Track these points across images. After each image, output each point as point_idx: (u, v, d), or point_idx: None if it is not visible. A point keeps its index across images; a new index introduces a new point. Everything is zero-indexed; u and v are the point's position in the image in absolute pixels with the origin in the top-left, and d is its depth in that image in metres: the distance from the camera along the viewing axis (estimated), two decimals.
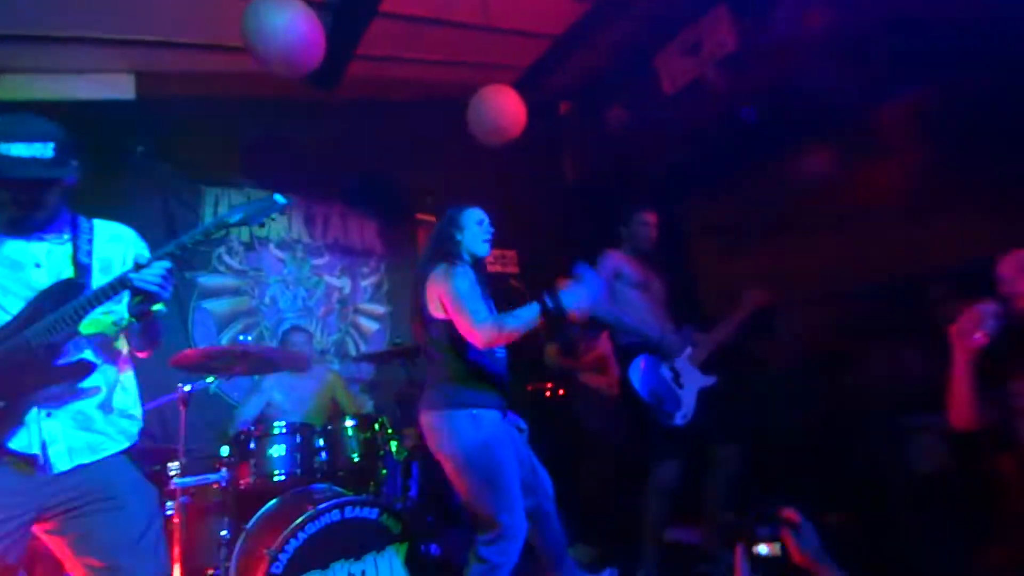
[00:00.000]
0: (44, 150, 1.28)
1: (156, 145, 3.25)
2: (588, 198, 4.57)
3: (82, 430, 1.36)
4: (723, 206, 4.02)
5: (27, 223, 1.37)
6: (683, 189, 4.15)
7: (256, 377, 2.93)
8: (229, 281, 3.48)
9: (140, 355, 1.55)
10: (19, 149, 1.25)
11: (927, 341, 2.53)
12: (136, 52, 3.08)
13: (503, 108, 3.27)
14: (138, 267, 1.32)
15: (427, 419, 1.89)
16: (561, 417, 3.54)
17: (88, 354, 1.39)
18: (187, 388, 2.20)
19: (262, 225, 1.48)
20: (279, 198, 1.46)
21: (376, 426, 2.57)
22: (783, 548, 1.03)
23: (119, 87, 3.16)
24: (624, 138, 4.41)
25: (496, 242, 2.14)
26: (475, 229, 2.07)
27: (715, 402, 2.75)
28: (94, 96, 3.08)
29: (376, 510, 2.11)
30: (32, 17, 2.68)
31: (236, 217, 1.42)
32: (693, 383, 2.73)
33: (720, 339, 2.82)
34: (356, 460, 2.45)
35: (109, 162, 2.90)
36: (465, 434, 1.82)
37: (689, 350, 2.79)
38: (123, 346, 1.52)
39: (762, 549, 1.04)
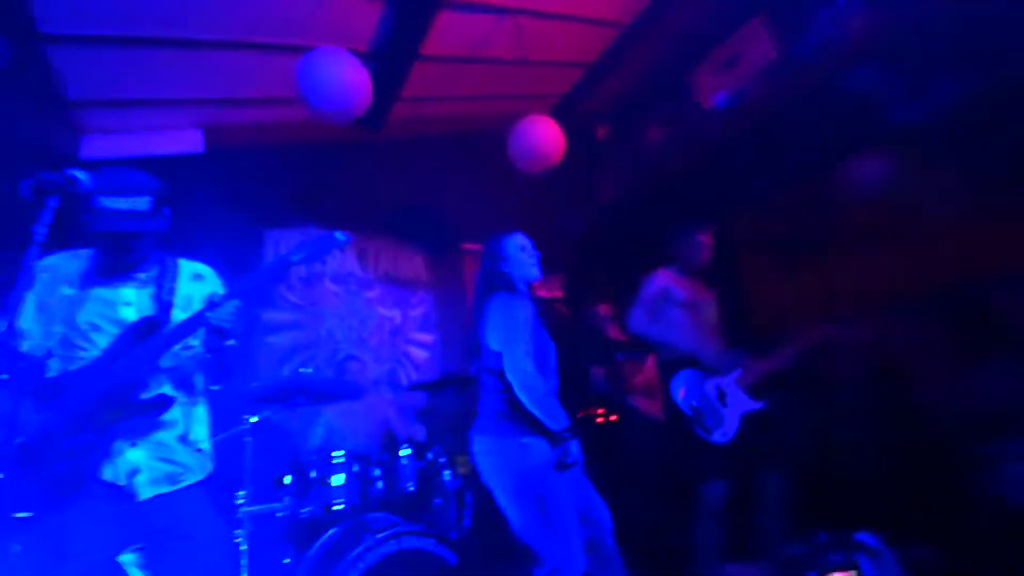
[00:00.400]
0: (140, 203, 1.37)
1: (221, 193, 3.50)
2: (628, 219, 4.55)
3: (162, 461, 1.43)
4: (773, 221, 3.90)
5: (121, 267, 1.47)
6: (729, 205, 4.06)
7: (317, 408, 3.04)
8: (289, 316, 3.65)
9: (214, 387, 1.63)
10: (118, 203, 1.35)
11: (998, 353, 2.35)
12: (202, 110, 3.37)
13: (542, 137, 3.34)
14: (212, 305, 1.40)
15: (478, 447, 1.90)
16: (615, 444, 3.47)
17: (167, 388, 1.47)
18: (253, 420, 2.31)
19: (324, 262, 1.55)
20: (339, 235, 1.52)
21: (429, 455, 2.60)
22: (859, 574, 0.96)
23: (189, 142, 3.45)
24: (663, 157, 4.39)
25: (544, 268, 2.14)
26: (519, 255, 2.08)
27: (763, 427, 2.63)
28: (168, 151, 3.38)
29: (432, 540, 2.12)
30: (112, 83, 2.98)
31: (298, 256, 1.48)
32: (738, 405, 2.64)
33: (770, 368, 2.71)
34: (411, 489, 2.48)
35: (178, 211, 3.14)
36: (514, 463, 1.80)
37: (738, 372, 2.70)
38: (198, 381, 1.60)
39: None
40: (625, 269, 2.88)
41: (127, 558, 1.41)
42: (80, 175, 1.30)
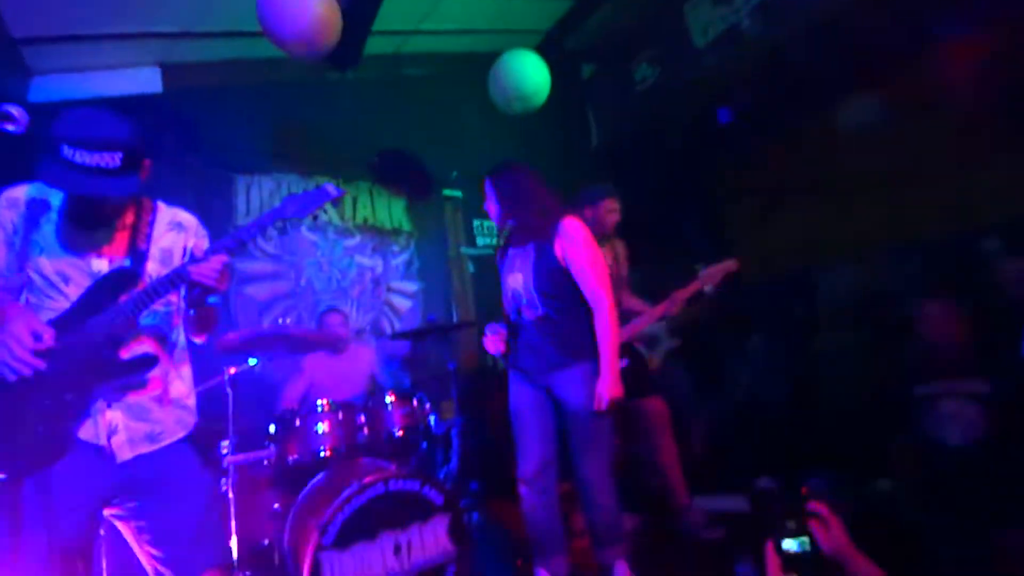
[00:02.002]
0: (111, 159, 1.23)
1: (185, 137, 3.32)
2: (616, 162, 4.45)
3: (141, 420, 1.38)
4: (758, 165, 3.84)
5: (91, 218, 1.36)
6: (716, 149, 3.98)
7: (298, 359, 3.02)
8: (267, 266, 3.56)
9: (196, 341, 1.58)
10: (84, 157, 1.19)
11: (982, 300, 2.39)
12: (159, 45, 3.13)
13: (525, 74, 3.18)
14: (194, 260, 1.32)
15: None
16: None
17: (149, 347, 1.41)
18: (232, 371, 2.29)
19: (315, 217, 1.45)
20: (331, 188, 1.43)
21: (415, 401, 2.62)
22: (812, 542, 1.00)
23: (146, 81, 3.22)
24: (653, 97, 4.25)
25: None
26: None
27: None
28: (123, 92, 3.16)
29: (418, 482, 2.16)
30: (59, 18, 2.74)
31: (290, 210, 1.40)
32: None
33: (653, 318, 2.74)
34: (397, 434, 2.51)
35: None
36: None
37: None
38: (179, 335, 1.54)
39: (790, 545, 1.01)
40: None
41: (112, 511, 1.39)
42: (13, 110, 1.19)
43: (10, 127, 1.18)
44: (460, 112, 3.85)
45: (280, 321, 3.08)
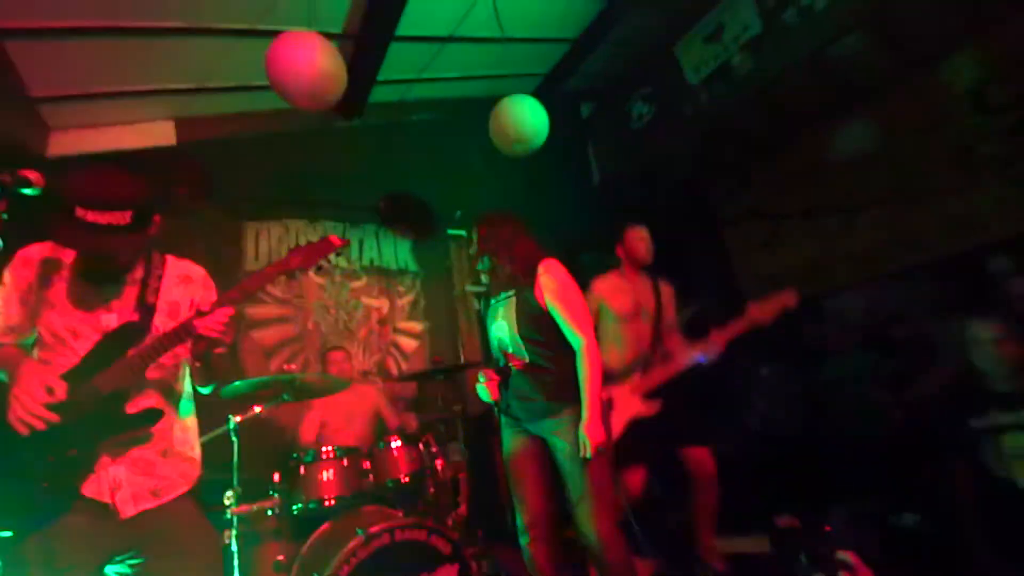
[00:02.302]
0: (122, 218, 1.27)
1: (197, 187, 3.41)
2: (618, 198, 4.50)
3: (144, 475, 1.38)
4: (758, 194, 3.87)
5: (101, 275, 1.40)
6: (716, 179, 4.03)
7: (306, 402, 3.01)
8: (274, 310, 3.60)
9: (203, 392, 1.59)
10: (97, 217, 1.24)
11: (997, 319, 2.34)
12: (173, 99, 3.26)
13: (523, 117, 3.26)
14: (200, 314, 1.34)
15: None
16: None
17: (155, 399, 1.42)
18: (238, 419, 2.27)
19: (320, 268, 1.47)
20: (335, 239, 1.47)
21: (422, 445, 2.58)
22: None
23: (160, 134, 3.34)
24: (650, 133, 4.33)
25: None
26: None
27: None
28: (137, 145, 3.28)
29: (425, 531, 2.11)
30: (76, 76, 2.87)
31: (295, 262, 1.44)
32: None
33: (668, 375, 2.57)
34: (403, 480, 2.47)
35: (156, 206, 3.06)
36: None
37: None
38: (185, 387, 1.55)
39: None
40: (616, 246, 2.83)
41: (114, 568, 1.37)
42: (31, 175, 1.23)
43: (28, 191, 1.23)
44: (463, 154, 3.94)
45: (285, 366, 3.08)
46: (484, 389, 1.98)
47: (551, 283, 1.95)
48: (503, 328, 2.05)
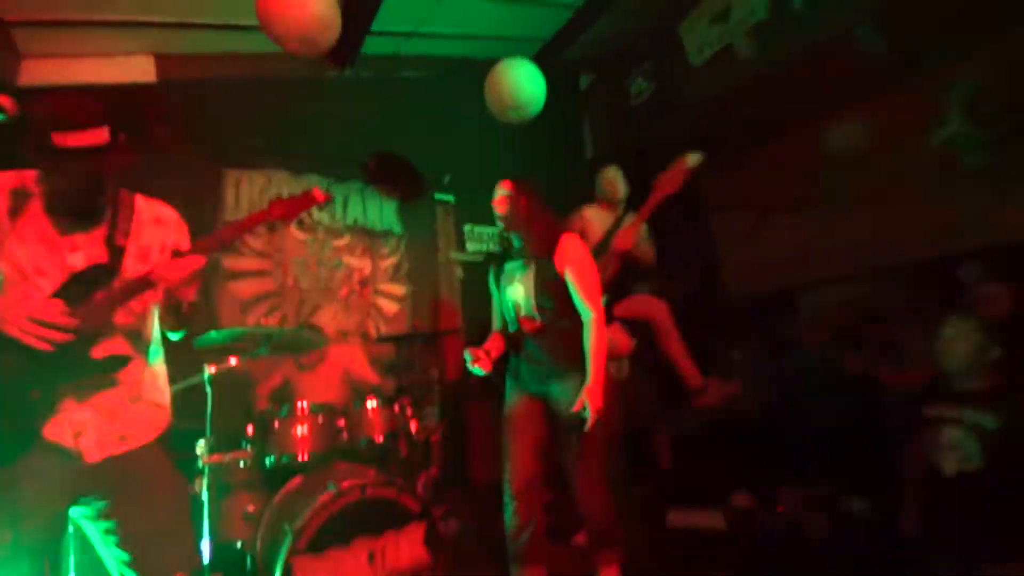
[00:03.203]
0: (100, 136, 1.22)
1: (176, 128, 3.27)
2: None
3: (112, 422, 1.36)
4: (748, 181, 3.89)
5: (74, 211, 1.34)
6: (708, 164, 4.02)
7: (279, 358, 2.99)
8: (253, 262, 3.52)
9: (172, 338, 1.55)
10: (75, 139, 1.19)
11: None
12: (155, 34, 3.09)
13: (521, 83, 3.18)
14: (167, 263, 1.30)
15: None
16: None
17: (121, 345, 1.39)
18: (212, 370, 2.26)
19: (301, 221, 1.47)
20: (319, 193, 1.43)
21: (397, 406, 2.61)
22: None
23: (140, 70, 3.18)
24: (648, 111, 4.28)
25: None
26: None
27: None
28: (116, 79, 3.12)
29: (395, 489, 2.15)
30: (56, 1, 2.70)
31: (276, 213, 1.41)
32: None
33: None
34: (378, 439, 2.50)
35: (131, 146, 2.93)
36: None
37: None
38: (155, 333, 1.51)
39: None
40: None
41: (79, 511, 1.36)
42: (4, 101, 1.17)
43: (0, 117, 1.16)
44: (455, 117, 3.84)
45: (263, 320, 3.04)
46: (476, 368, 2.03)
47: (572, 256, 2.07)
48: (519, 292, 2.14)
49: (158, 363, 1.53)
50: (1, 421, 1.24)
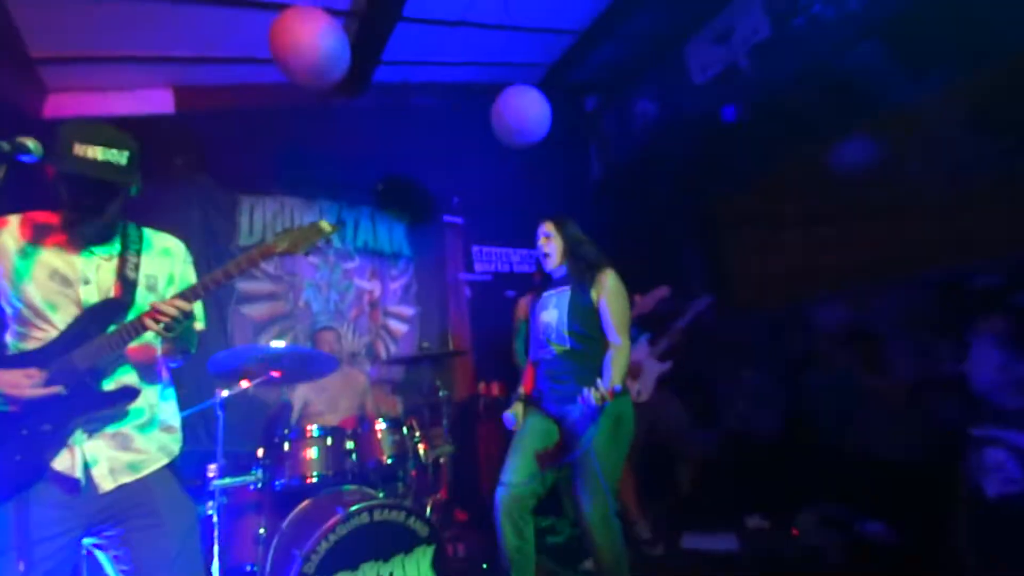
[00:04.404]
0: (120, 157, 1.32)
1: (194, 157, 3.38)
2: (616, 194, 4.50)
3: (123, 450, 1.38)
4: (757, 198, 3.90)
5: (83, 231, 1.38)
6: (714, 181, 4.04)
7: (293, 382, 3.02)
8: (265, 286, 3.59)
9: (172, 365, 1.58)
10: (96, 152, 1.29)
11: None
12: (173, 67, 3.22)
13: (526, 109, 3.24)
14: (158, 307, 1.30)
15: None
16: None
17: (132, 377, 1.42)
18: (225, 394, 2.29)
19: (307, 253, 1.44)
20: (326, 226, 1.43)
21: (405, 428, 2.62)
22: None
23: (158, 102, 3.30)
24: (652, 131, 4.32)
25: (526, 243, 2.35)
26: None
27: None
28: (137, 111, 3.24)
29: (403, 513, 2.15)
30: (76, 39, 2.83)
31: (281, 246, 1.41)
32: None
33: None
34: (386, 462, 2.50)
35: (151, 175, 3.03)
36: None
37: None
38: (164, 363, 1.54)
39: None
40: (612, 243, 2.85)
41: (92, 539, 1.38)
42: (29, 142, 1.22)
43: (25, 158, 1.22)
44: (463, 141, 3.92)
45: (274, 343, 3.07)
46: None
47: (609, 288, 2.19)
48: (552, 315, 2.24)
49: (168, 391, 1.55)
50: (13, 454, 1.26)
